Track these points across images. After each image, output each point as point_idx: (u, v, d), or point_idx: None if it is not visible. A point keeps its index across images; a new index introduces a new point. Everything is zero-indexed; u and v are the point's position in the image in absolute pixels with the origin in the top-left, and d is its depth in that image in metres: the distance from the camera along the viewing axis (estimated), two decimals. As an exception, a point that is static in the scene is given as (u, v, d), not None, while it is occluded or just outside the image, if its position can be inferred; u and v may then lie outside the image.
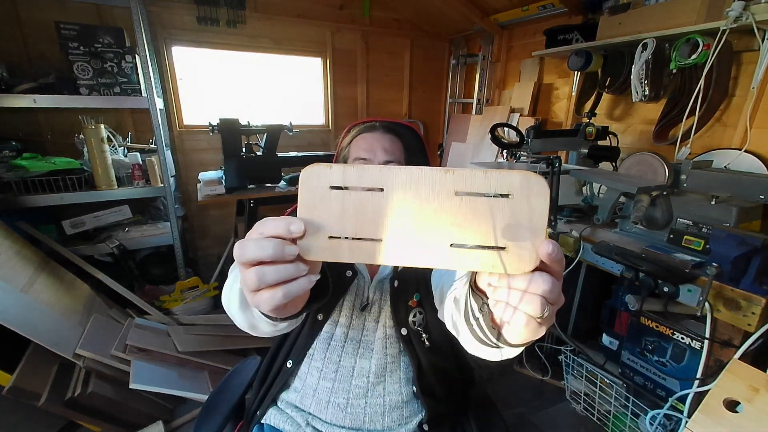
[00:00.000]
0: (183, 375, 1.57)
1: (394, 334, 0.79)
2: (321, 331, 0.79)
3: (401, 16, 2.83)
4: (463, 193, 0.32)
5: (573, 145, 1.74)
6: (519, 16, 2.32)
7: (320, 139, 2.84)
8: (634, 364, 1.35)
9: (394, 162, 0.81)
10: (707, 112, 1.54)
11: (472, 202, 0.32)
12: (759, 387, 0.68)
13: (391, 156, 0.80)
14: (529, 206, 0.32)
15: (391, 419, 0.77)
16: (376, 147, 0.79)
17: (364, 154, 0.80)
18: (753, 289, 0.97)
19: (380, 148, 0.79)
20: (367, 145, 0.80)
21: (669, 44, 1.54)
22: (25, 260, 1.54)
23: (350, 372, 0.77)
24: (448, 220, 0.33)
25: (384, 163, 0.79)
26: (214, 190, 2.03)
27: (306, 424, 0.77)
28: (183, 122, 2.47)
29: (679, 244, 1.18)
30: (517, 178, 0.32)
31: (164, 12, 2.21)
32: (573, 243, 1.38)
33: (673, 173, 1.30)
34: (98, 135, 1.83)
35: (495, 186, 0.32)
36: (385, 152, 0.79)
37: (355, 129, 0.86)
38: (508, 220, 0.32)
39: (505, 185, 0.32)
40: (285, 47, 2.55)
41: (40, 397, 1.27)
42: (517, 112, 2.44)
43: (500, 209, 0.32)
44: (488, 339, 0.40)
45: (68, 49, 1.81)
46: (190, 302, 2.08)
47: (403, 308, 0.79)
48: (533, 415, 1.60)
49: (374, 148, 0.79)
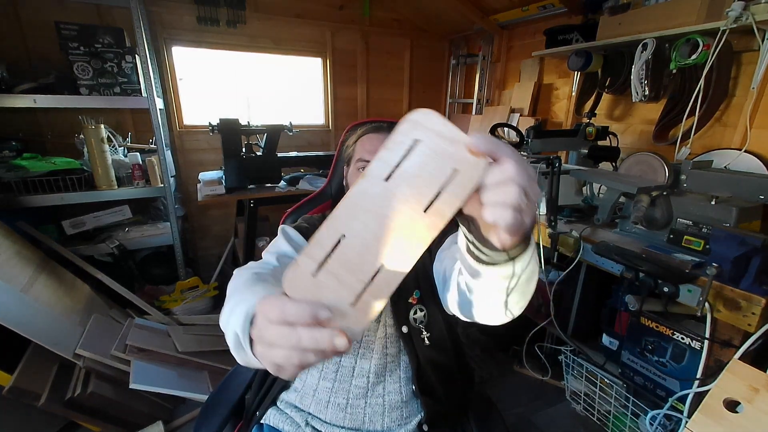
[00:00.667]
0: (183, 375, 1.57)
1: (394, 333, 0.79)
2: None
3: (401, 16, 2.83)
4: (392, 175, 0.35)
5: (573, 145, 1.74)
6: (519, 16, 2.32)
7: (320, 139, 2.84)
8: (634, 364, 1.35)
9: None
10: (707, 112, 1.54)
11: (402, 172, 0.35)
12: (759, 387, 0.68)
13: None
14: (435, 131, 0.34)
15: (391, 419, 0.77)
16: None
17: (368, 156, 0.80)
18: (753, 289, 0.96)
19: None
20: (372, 146, 0.80)
21: (669, 44, 1.54)
22: (25, 260, 1.54)
23: (350, 372, 0.77)
24: (405, 202, 0.34)
25: None
26: (214, 190, 2.03)
27: (305, 424, 0.77)
28: (183, 122, 2.47)
29: (679, 244, 1.18)
30: (407, 125, 0.35)
31: (164, 12, 2.21)
32: (573, 243, 1.38)
33: (673, 173, 1.30)
34: (98, 135, 1.83)
35: (407, 143, 0.35)
36: None
37: (361, 128, 0.86)
38: (434, 153, 0.34)
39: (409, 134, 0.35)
40: (285, 47, 2.55)
41: (40, 397, 1.27)
42: (517, 112, 2.44)
43: (423, 154, 0.34)
44: (485, 254, 0.43)
45: (68, 49, 1.82)
46: (190, 302, 2.08)
47: (403, 306, 0.79)
48: (533, 415, 1.60)
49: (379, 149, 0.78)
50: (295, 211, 1.02)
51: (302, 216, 0.93)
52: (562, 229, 1.41)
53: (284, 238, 0.76)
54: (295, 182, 2.20)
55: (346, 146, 0.89)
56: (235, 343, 0.47)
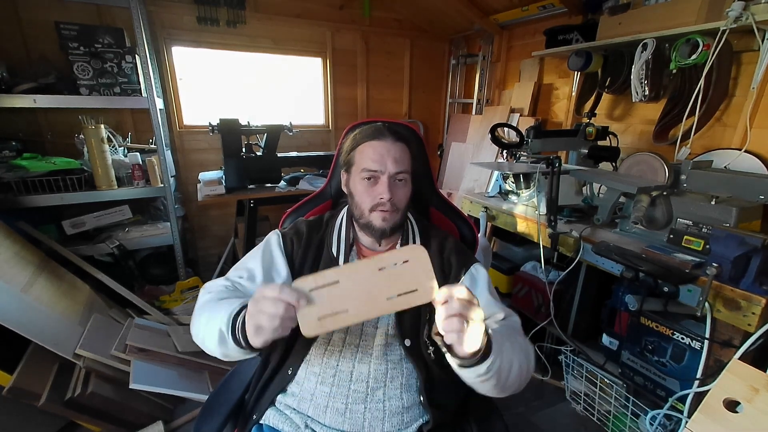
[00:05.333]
0: (183, 375, 1.57)
1: (395, 342, 0.79)
2: (318, 337, 0.79)
3: (401, 16, 2.83)
4: (383, 268, 0.55)
5: (573, 145, 1.74)
6: (519, 16, 2.32)
7: (320, 139, 2.84)
8: (634, 364, 1.35)
9: (404, 173, 0.79)
10: (707, 112, 1.54)
11: (390, 272, 0.55)
12: (759, 387, 0.68)
13: (402, 166, 0.79)
14: (419, 263, 0.54)
15: (391, 424, 0.76)
16: (387, 158, 0.77)
17: (373, 165, 0.78)
18: (753, 289, 0.97)
19: (391, 159, 0.77)
20: (376, 155, 0.78)
21: (669, 44, 1.54)
22: (25, 260, 1.54)
23: (348, 376, 0.77)
24: (381, 285, 0.55)
25: (394, 174, 0.78)
26: (214, 190, 2.03)
27: (305, 426, 0.77)
28: (183, 122, 2.47)
29: (679, 244, 1.18)
30: (406, 251, 0.55)
31: (164, 12, 2.21)
32: (573, 243, 1.38)
33: (673, 173, 1.30)
34: (98, 135, 1.83)
35: (397, 258, 0.55)
36: (396, 163, 0.78)
37: (359, 133, 0.83)
38: (412, 273, 0.55)
39: (401, 257, 0.55)
40: (285, 47, 2.55)
41: (40, 397, 1.27)
42: (517, 112, 2.44)
43: (406, 269, 0.55)
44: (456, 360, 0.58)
45: (68, 49, 1.82)
46: (190, 302, 2.08)
47: (408, 319, 0.79)
48: (533, 415, 1.60)
49: (384, 159, 0.77)
50: (295, 211, 1.02)
51: (298, 220, 0.92)
52: (562, 229, 1.41)
53: (260, 257, 0.82)
54: (295, 182, 2.20)
55: (343, 151, 0.86)
56: (218, 339, 0.64)
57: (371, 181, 0.79)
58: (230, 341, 0.62)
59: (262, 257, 0.82)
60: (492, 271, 1.97)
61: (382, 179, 0.78)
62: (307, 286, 0.54)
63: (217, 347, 0.66)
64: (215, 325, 0.65)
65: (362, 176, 0.79)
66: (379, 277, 0.54)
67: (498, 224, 1.76)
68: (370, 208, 0.79)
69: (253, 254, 0.84)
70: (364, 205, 0.80)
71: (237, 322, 0.62)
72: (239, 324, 0.61)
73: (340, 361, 0.78)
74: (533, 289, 1.74)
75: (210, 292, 0.76)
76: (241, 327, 0.60)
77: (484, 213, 1.78)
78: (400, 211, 0.81)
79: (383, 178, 0.78)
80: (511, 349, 0.66)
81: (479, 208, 1.81)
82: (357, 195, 0.81)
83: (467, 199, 1.93)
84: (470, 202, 1.90)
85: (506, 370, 0.63)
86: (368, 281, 0.54)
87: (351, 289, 0.54)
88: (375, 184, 0.79)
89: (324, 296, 0.54)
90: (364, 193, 0.79)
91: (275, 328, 0.54)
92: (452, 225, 1.03)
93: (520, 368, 0.67)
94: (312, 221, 0.89)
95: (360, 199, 0.80)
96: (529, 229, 1.58)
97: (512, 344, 0.68)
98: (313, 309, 0.54)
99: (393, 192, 0.78)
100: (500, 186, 1.86)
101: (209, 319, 0.68)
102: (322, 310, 0.54)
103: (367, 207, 0.79)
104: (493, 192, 1.92)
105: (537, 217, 1.53)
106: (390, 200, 0.77)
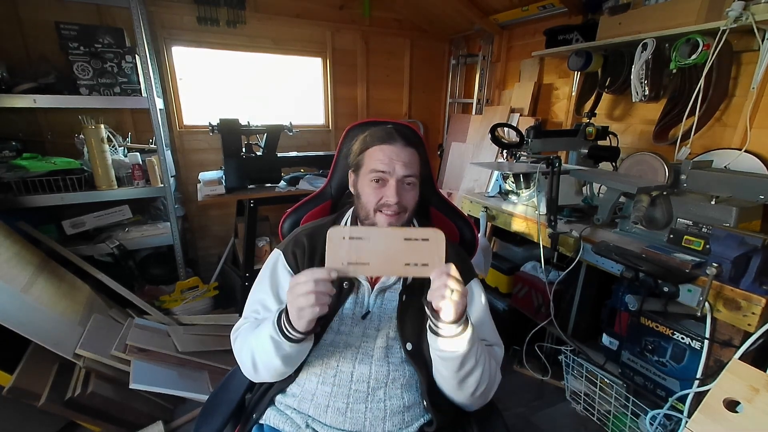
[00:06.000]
0: (183, 375, 1.57)
1: (396, 345, 0.80)
2: (318, 339, 0.79)
3: (401, 16, 2.83)
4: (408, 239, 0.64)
5: (573, 145, 1.74)
6: (519, 16, 2.32)
7: (320, 139, 2.84)
8: (634, 364, 1.35)
9: (412, 176, 0.81)
10: (707, 112, 1.54)
11: (413, 243, 0.64)
12: (759, 387, 0.68)
13: (411, 170, 0.80)
14: (435, 244, 0.63)
15: (393, 423, 0.77)
16: (396, 162, 0.79)
17: (381, 166, 0.79)
18: (753, 289, 0.97)
19: (400, 163, 0.79)
20: (386, 158, 0.79)
21: (669, 44, 1.54)
22: (25, 260, 1.54)
23: (349, 377, 0.77)
24: (403, 251, 0.64)
25: (403, 177, 0.79)
26: (214, 190, 2.03)
27: (306, 426, 0.77)
28: (183, 122, 2.47)
29: (679, 244, 1.18)
30: (429, 232, 0.64)
31: (164, 12, 2.21)
32: (573, 243, 1.38)
33: (673, 173, 1.30)
34: (98, 135, 1.83)
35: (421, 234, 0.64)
36: (405, 167, 0.79)
37: (369, 135, 0.83)
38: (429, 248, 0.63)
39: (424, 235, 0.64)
40: (285, 47, 2.55)
41: (40, 397, 1.27)
42: (517, 112, 2.44)
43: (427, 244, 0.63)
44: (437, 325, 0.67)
45: (68, 49, 1.82)
46: (190, 302, 2.08)
47: (410, 323, 0.80)
48: (533, 415, 1.60)
49: (393, 163, 0.79)
50: (295, 211, 1.02)
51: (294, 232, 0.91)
52: (562, 229, 1.41)
53: (268, 285, 0.83)
54: (295, 182, 2.20)
55: (352, 153, 0.86)
56: (274, 347, 0.69)
57: (379, 183, 0.80)
58: (283, 340, 0.67)
59: (270, 285, 0.83)
60: (492, 271, 1.97)
61: (390, 182, 0.79)
62: (343, 233, 0.63)
63: (275, 356, 0.69)
64: (265, 339, 0.69)
65: (370, 177, 0.80)
66: (403, 244, 0.63)
67: (498, 224, 1.77)
68: (375, 208, 0.80)
69: (260, 286, 0.84)
70: (370, 205, 0.81)
71: (282, 321, 0.66)
72: (284, 321, 0.66)
73: (341, 361, 0.78)
74: (533, 289, 1.74)
75: (239, 330, 0.83)
76: (287, 321, 0.66)
77: (484, 213, 1.78)
78: (407, 212, 0.82)
79: (391, 180, 0.79)
80: (483, 360, 0.73)
81: (479, 208, 1.81)
82: (364, 196, 0.82)
83: (467, 199, 1.93)
84: (470, 202, 1.90)
85: (470, 366, 0.71)
86: (393, 245, 0.63)
87: (377, 248, 0.63)
88: (383, 186, 0.80)
89: (354, 246, 0.62)
90: (371, 194, 0.80)
91: (312, 305, 0.61)
92: (452, 225, 1.03)
93: (482, 377, 0.73)
94: (310, 228, 0.89)
95: (366, 199, 0.81)
96: (529, 229, 1.58)
97: (487, 360, 0.75)
98: (342, 252, 0.62)
99: (400, 195, 0.79)
100: (500, 186, 1.86)
101: (256, 341, 0.73)
102: (350, 257, 0.62)
103: (372, 207, 0.80)
104: (493, 192, 1.92)
105: (537, 217, 1.53)
106: (398, 203, 0.78)
